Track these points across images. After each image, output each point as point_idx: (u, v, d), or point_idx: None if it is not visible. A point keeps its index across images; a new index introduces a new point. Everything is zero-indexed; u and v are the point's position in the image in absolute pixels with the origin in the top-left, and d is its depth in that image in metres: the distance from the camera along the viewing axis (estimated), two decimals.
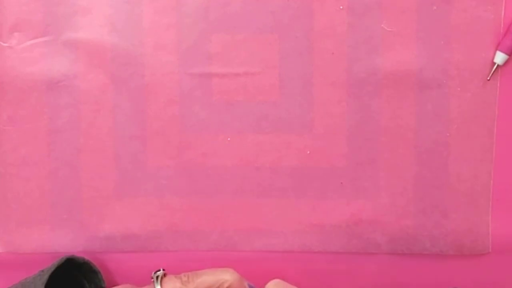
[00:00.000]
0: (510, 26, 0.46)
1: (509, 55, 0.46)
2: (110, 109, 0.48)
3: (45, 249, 0.50)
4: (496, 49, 0.46)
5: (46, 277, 0.42)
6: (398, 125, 0.48)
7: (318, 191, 0.49)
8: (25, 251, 0.50)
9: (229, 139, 0.48)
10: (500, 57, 0.46)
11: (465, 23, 0.47)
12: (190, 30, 0.48)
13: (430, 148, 0.48)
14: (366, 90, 0.48)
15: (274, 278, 0.42)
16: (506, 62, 0.46)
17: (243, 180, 0.49)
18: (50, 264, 0.45)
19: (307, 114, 0.48)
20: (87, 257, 0.47)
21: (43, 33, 0.48)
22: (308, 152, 0.48)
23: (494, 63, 0.46)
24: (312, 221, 0.49)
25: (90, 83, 0.48)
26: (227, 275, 0.40)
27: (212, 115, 0.48)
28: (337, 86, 0.48)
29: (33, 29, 0.48)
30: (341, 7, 0.47)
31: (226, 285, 0.40)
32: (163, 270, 0.41)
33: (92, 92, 0.48)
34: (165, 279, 0.40)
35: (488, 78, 0.47)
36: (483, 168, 0.48)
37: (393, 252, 0.49)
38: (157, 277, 0.40)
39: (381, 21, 0.47)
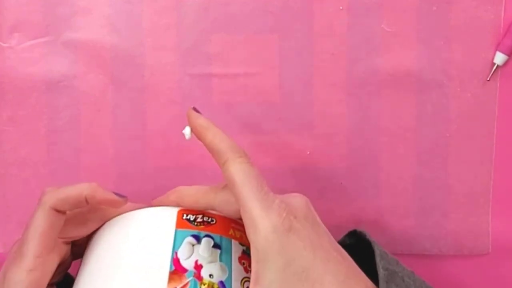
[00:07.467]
0: (510, 27, 0.46)
1: (509, 55, 0.46)
2: (110, 109, 0.48)
3: None
4: (496, 49, 0.46)
5: None
6: (398, 125, 0.48)
7: (318, 191, 0.49)
8: None
9: None
10: (500, 58, 0.46)
11: (465, 23, 0.47)
12: (190, 30, 0.48)
13: (430, 148, 0.48)
14: (366, 90, 0.47)
15: None
16: (506, 63, 0.46)
17: None
18: None
19: (307, 114, 0.48)
20: None
21: (43, 33, 0.48)
22: (308, 152, 0.48)
23: (494, 64, 0.46)
24: None
25: (90, 83, 0.48)
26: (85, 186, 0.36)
27: (212, 115, 0.48)
28: (337, 87, 0.48)
29: (33, 29, 0.48)
30: (341, 8, 0.47)
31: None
32: None
33: (92, 92, 0.48)
34: None
35: (488, 79, 0.47)
36: (483, 168, 0.48)
37: (393, 252, 0.49)
38: None
39: (381, 21, 0.47)
